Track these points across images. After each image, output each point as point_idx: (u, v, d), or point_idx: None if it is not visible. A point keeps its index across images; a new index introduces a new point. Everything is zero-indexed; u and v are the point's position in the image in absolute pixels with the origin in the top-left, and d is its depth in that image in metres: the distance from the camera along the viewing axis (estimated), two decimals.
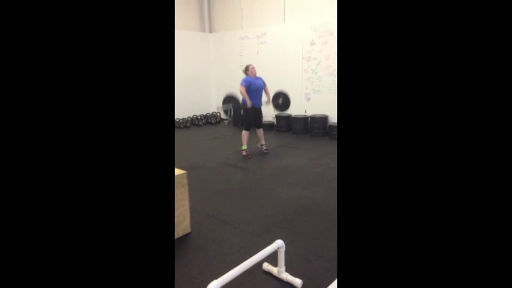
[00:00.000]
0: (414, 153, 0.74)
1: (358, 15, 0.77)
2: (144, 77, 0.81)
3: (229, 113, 4.30)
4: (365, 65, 0.77)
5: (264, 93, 4.35)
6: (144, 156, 0.81)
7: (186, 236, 2.26)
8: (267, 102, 4.42)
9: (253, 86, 4.17)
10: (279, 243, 1.70)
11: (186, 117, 7.06)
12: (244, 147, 4.35)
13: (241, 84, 4.13)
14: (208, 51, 7.44)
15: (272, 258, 1.84)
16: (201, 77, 7.32)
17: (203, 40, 7.32)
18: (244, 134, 4.34)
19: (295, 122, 5.87)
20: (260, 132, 4.51)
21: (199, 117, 7.21)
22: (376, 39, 0.76)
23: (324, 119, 5.60)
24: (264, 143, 4.56)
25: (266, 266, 1.84)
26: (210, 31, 7.48)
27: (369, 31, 0.76)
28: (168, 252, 0.82)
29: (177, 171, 2.20)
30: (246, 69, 4.24)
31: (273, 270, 1.81)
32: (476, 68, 0.70)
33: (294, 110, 6.03)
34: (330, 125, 5.52)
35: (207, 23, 7.42)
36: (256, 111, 4.31)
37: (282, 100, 4.62)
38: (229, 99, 4.30)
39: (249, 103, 4.11)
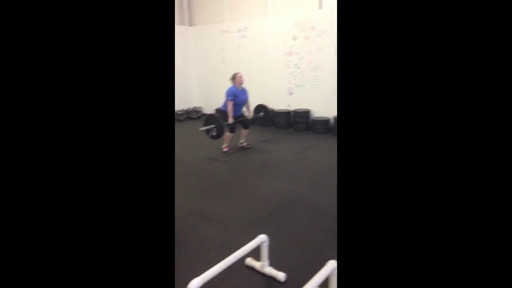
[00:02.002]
0: (414, 151, 0.73)
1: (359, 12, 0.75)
2: (145, 72, 0.81)
3: (210, 133, 4.15)
4: (366, 62, 0.75)
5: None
6: (146, 150, 0.80)
7: None
8: (247, 114, 4.37)
9: (237, 100, 4.07)
10: (262, 238, 1.68)
11: None
12: (225, 145, 4.29)
13: (228, 98, 4.03)
14: (189, 45, 7.29)
15: (256, 253, 1.82)
16: (182, 72, 7.18)
17: (183, 34, 7.16)
18: (228, 135, 4.24)
19: (278, 116, 5.86)
20: (245, 132, 4.45)
21: (179, 112, 7.08)
22: (376, 34, 0.74)
23: (306, 113, 5.61)
24: (243, 141, 4.50)
25: (249, 261, 1.82)
26: (190, 24, 7.33)
27: (369, 26, 0.74)
28: (168, 247, 0.82)
29: None
30: (233, 78, 4.11)
31: (256, 265, 1.79)
32: (474, 57, 0.69)
33: (276, 105, 6.01)
34: (312, 120, 5.54)
35: (187, 17, 7.27)
36: (239, 117, 4.24)
37: (263, 113, 4.67)
38: (210, 120, 4.14)
39: (230, 120, 4.03)
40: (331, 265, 1.43)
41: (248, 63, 6.32)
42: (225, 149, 4.28)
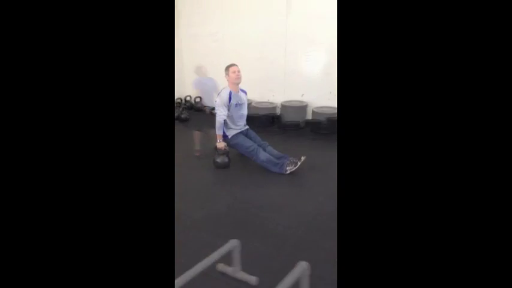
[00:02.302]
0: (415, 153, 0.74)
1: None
2: (145, 74, 0.82)
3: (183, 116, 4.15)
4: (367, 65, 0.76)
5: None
6: (147, 152, 0.81)
7: None
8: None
9: (206, 87, 4.03)
10: (233, 243, 1.68)
11: None
12: (197, 148, 4.23)
13: (195, 87, 4.02)
14: None
15: (229, 259, 1.81)
16: None
17: None
18: (197, 134, 4.21)
19: (250, 120, 5.88)
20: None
21: None
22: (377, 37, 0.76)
23: (278, 117, 5.69)
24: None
25: (221, 266, 1.81)
26: None
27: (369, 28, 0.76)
28: (169, 248, 0.83)
29: None
30: (197, 70, 4.14)
31: (228, 270, 1.78)
32: (475, 60, 0.69)
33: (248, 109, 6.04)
34: (284, 123, 5.62)
35: None
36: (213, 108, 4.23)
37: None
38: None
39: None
40: (302, 266, 1.46)
41: (220, 69, 6.30)
42: (197, 154, 4.22)
